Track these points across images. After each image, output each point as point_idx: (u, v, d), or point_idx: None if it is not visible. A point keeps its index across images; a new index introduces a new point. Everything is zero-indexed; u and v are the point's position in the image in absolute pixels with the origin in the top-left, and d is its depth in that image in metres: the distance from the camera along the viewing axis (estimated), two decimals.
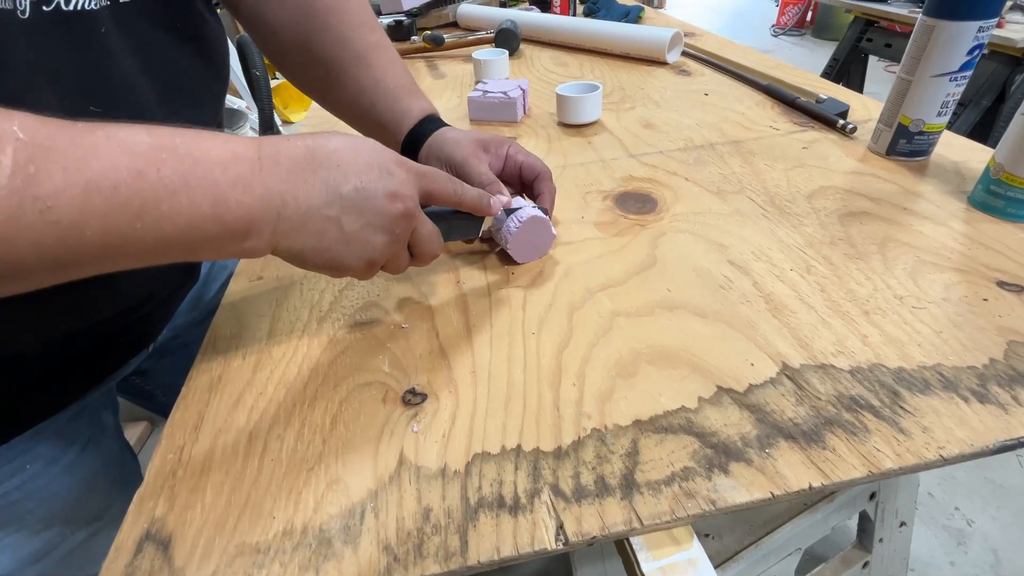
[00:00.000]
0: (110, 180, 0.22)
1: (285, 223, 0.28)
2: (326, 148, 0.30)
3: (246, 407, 0.34)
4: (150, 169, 0.23)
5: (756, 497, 0.26)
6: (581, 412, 0.31)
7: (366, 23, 0.47)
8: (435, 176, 0.34)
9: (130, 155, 0.23)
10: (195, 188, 0.24)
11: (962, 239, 0.42)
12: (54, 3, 0.28)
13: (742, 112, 0.68)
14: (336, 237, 0.30)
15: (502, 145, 0.45)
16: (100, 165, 0.22)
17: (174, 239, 0.24)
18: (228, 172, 0.26)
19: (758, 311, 0.37)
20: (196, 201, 0.24)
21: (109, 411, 0.49)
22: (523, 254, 0.44)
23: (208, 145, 0.26)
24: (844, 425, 0.29)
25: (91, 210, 0.22)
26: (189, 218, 0.24)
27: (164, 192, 0.23)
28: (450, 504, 0.27)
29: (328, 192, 0.29)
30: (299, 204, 0.28)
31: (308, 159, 0.29)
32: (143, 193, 0.23)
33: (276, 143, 0.29)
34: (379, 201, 0.30)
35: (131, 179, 0.22)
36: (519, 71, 0.92)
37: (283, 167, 0.28)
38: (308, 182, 0.29)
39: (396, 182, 0.31)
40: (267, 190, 0.27)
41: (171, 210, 0.24)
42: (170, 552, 0.27)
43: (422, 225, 0.34)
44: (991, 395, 0.30)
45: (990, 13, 0.45)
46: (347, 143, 0.31)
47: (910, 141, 0.52)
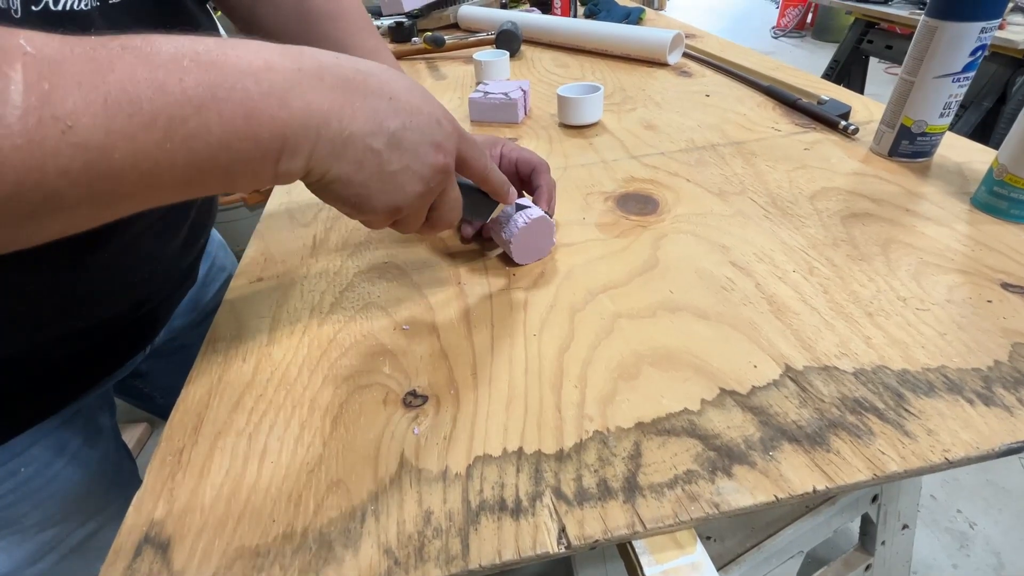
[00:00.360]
0: (130, 94, 0.20)
1: (324, 145, 0.26)
2: (379, 77, 0.28)
3: (246, 409, 0.34)
4: (172, 80, 0.21)
5: (760, 500, 0.26)
6: (583, 414, 0.31)
7: (363, 28, 0.47)
8: (472, 143, 0.33)
9: (149, 66, 0.21)
10: (224, 101, 0.22)
11: (965, 240, 0.42)
12: (43, 3, 0.28)
13: (743, 113, 0.68)
14: (373, 172, 0.27)
15: (495, 145, 0.45)
16: (118, 78, 0.20)
17: (207, 161, 0.22)
18: (261, 83, 0.23)
19: (761, 312, 0.37)
20: (226, 116, 0.22)
21: (106, 413, 0.49)
22: (524, 255, 0.44)
23: (238, 52, 0.23)
24: (848, 428, 0.29)
25: (115, 130, 0.20)
26: (220, 135, 0.22)
27: (190, 107, 0.21)
28: (451, 507, 0.27)
29: (375, 122, 0.27)
30: (343, 127, 0.26)
31: (358, 82, 0.27)
32: (168, 109, 0.21)
33: (320, 56, 0.26)
34: (423, 148, 0.29)
35: (152, 93, 0.20)
36: (520, 72, 0.92)
37: (327, 83, 0.25)
38: (355, 105, 0.26)
39: (443, 134, 0.29)
40: (307, 104, 0.24)
41: (199, 127, 0.22)
42: (169, 555, 0.26)
43: (451, 187, 0.32)
44: (996, 397, 0.30)
45: (993, 14, 0.45)
46: (401, 79, 0.29)
47: (912, 142, 0.52)
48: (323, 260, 0.48)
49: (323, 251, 0.49)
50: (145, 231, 0.39)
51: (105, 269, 0.37)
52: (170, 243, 0.44)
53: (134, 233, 0.38)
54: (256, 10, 0.45)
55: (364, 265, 0.46)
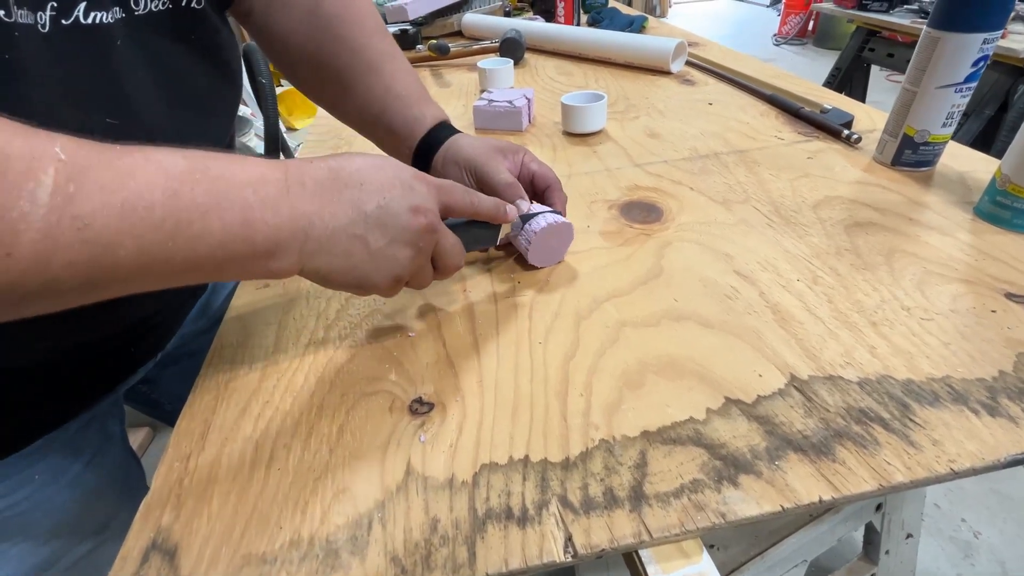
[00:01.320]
0: (146, 200, 0.23)
1: (312, 243, 0.29)
2: (348, 168, 0.30)
3: (252, 416, 0.34)
4: (184, 189, 0.24)
5: (766, 510, 0.26)
6: (589, 422, 0.31)
7: (376, 31, 0.47)
8: (452, 188, 0.35)
9: (165, 176, 0.24)
10: (227, 209, 0.25)
11: (969, 250, 0.42)
12: (73, 17, 0.29)
13: (746, 122, 0.68)
14: (363, 255, 0.30)
15: (518, 153, 0.46)
16: (136, 185, 0.23)
17: (204, 258, 0.25)
18: (258, 193, 0.26)
19: (765, 321, 0.37)
20: (227, 221, 0.25)
21: (116, 420, 0.49)
22: (542, 258, 0.44)
23: (238, 167, 0.27)
24: (854, 437, 0.29)
25: (126, 229, 0.22)
26: (220, 238, 0.25)
27: (196, 213, 0.24)
28: (458, 515, 0.27)
29: (353, 211, 0.30)
30: (325, 224, 0.29)
31: (332, 180, 0.30)
32: (177, 213, 0.24)
33: (300, 165, 0.30)
34: (403, 216, 0.31)
35: (166, 199, 0.23)
36: (524, 80, 0.93)
37: (308, 188, 0.29)
38: (334, 202, 0.29)
39: (418, 197, 0.32)
40: (293, 210, 0.28)
41: (203, 230, 0.24)
42: (176, 561, 0.27)
43: (444, 238, 0.34)
44: (1001, 408, 0.30)
45: (995, 25, 0.45)
46: (368, 162, 0.31)
47: (915, 151, 0.52)
48: None
49: None
50: None
51: None
52: None
53: None
54: (270, 17, 0.46)
55: None
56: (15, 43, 0.26)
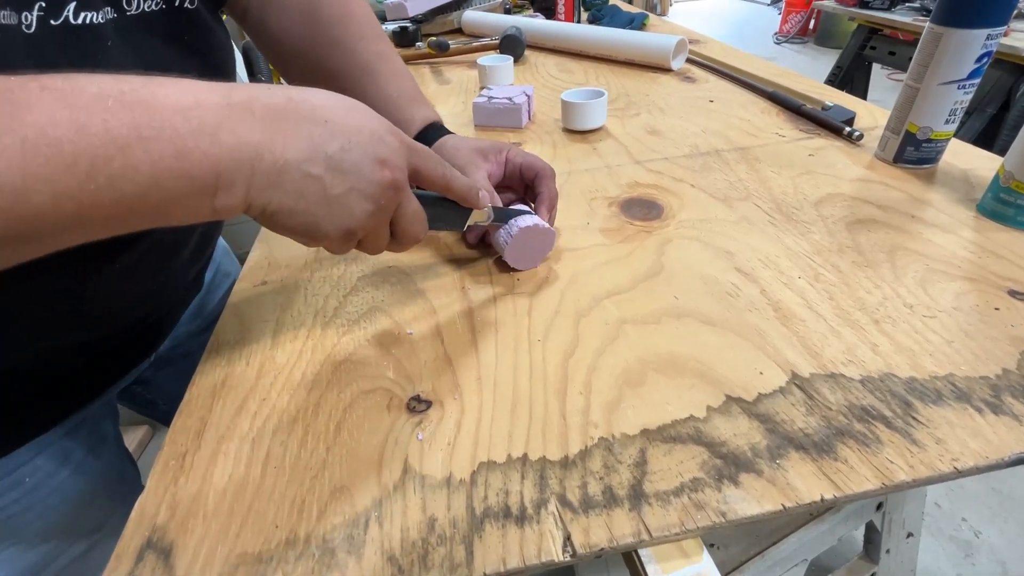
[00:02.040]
0: (49, 137, 0.20)
1: (260, 178, 0.25)
2: (311, 102, 0.27)
3: (249, 413, 0.34)
4: (95, 121, 0.21)
5: (767, 509, 0.26)
6: (588, 421, 0.31)
7: (371, 33, 0.47)
8: (427, 155, 0.32)
9: (69, 107, 0.20)
10: (151, 140, 0.22)
11: (972, 247, 0.42)
12: (63, 17, 0.28)
13: (747, 119, 0.68)
14: (316, 198, 0.27)
15: (500, 151, 0.45)
16: (35, 119, 0.20)
17: (136, 199, 0.22)
18: (190, 120, 0.23)
19: (766, 319, 0.37)
20: (154, 155, 0.22)
21: (109, 421, 0.49)
22: (521, 261, 0.44)
23: (166, 91, 0.23)
24: (856, 436, 0.29)
25: (34, 173, 0.19)
26: (150, 174, 0.22)
27: (114, 146, 0.21)
28: (455, 514, 0.27)
29: (311, 148, 0.26)
30: (276, 157, 0.25)
31: (290, 110, 0.26)
32: (90, 150, 0.20)
33: (251, 89, 0.26)
34: (367, 166, 0.28)
35: (73, 135, 0.20)
36: (524, 77, 0.92)
37: (257, 115, 0.25)
38: (287, 134, 0.26)
39: (388, 149, 0.29)
40: (238, 139, 0.24)
41: (125, 166, 0.21)
42: (171, 561, 0.26)
43: (408, 201, 0.31)
44: (1005, 406, 0.29)
45: (999, 21, 0.45)
46: (337, 100, 0.28)
47: (918, 149, 0.52)
48: (327, 264, 0.48)
49: (327, 255, 0.49)
50: (152, 247, 0.39)
51: (112, 284, 0.37)
52: (177, 257, 0.44)
53: (141, 250, 0.38)
54: (265, 16, 0.45)
55: (368, 269, 0.46)
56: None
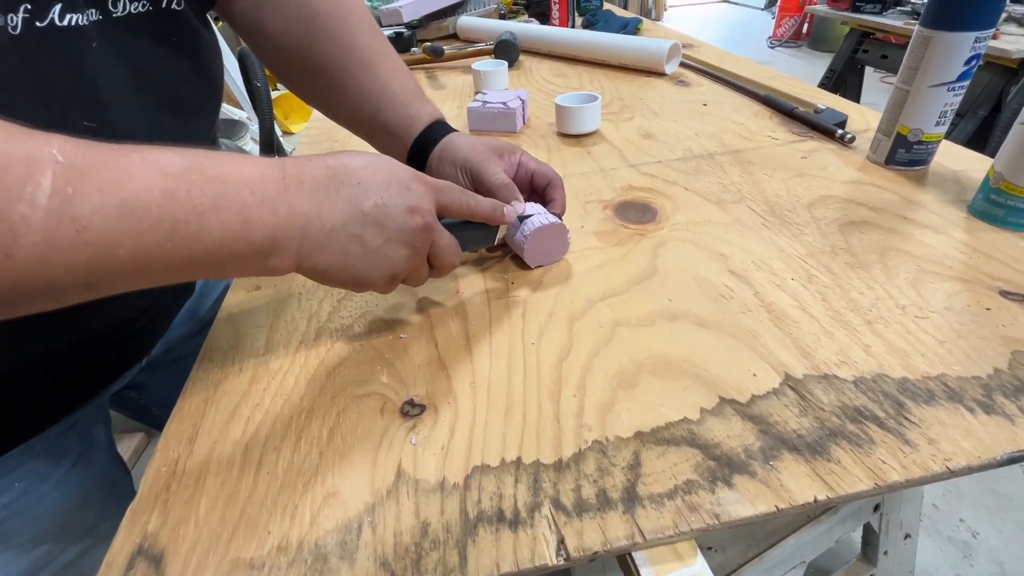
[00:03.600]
0: (143, 201, 0.23)
1: (310, 241, 0.29)
2: (347, 167, 0.31)
3: (242, 419, 0.34)
4: (181, 190, 0.24)
5: (761, 511, 0.26)
6: (582, 423, 0.31)
7: (368, 30, 0.47)
8: (449, 189, 0.35)
9: (163, 176, 0.24)
10: (224, 209, 0.25)
11: (963, 248, 0.42)
12: (48, 19, 0.28)
13: (741, 122, 0.68)
14: (359, 253, 0.31)
15: (515, 153, 0.46)
16: (134, 186, 0.23)
17: (202, 257, 0.25)
18: (256, 193, 0.27)
19: (760, 321, 0.37)
20: (225, 221, 0.25)
21: (101, 426, 0.48)
22: (537, 259, 0.44)
23: (236, 167, 0.27)
24: (849, 437, 0.29)
25: (124, 230, 0.22)
26: (219, 237, 0.25)
27: (194, 213, 0.24)
28: (449, 518, 0.27)
29: (351, 210, 0.30)
30: (323, 222, 0.29)
31: (330, 178, 0.30)
32: (174, 213, 0.24)
33: (299, 164, 0.30)
34: (399, 216, 0.31)
35: (163, 200, 0.23)
36: (519, 82, 0.92)
37: (307, 187, 0.29)
38: (331, 200, 0.29)
39: (415, 197, 0.32)
40: (291, 209, 0.28)
41: (200, 230, 0.25)
42: (162, 568, 0.26)
43: (440, 237, 0.35)
44: (997, 406, 0.30)
45: (986, 24, 0.45)
46: (366, 161, 0.32)
47: (909, 150, 0.52)
48: None
49: None
50: None
51: None
52: None
53: None
54: (259, 17, 0.45)
55: None
56: None
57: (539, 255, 0.44)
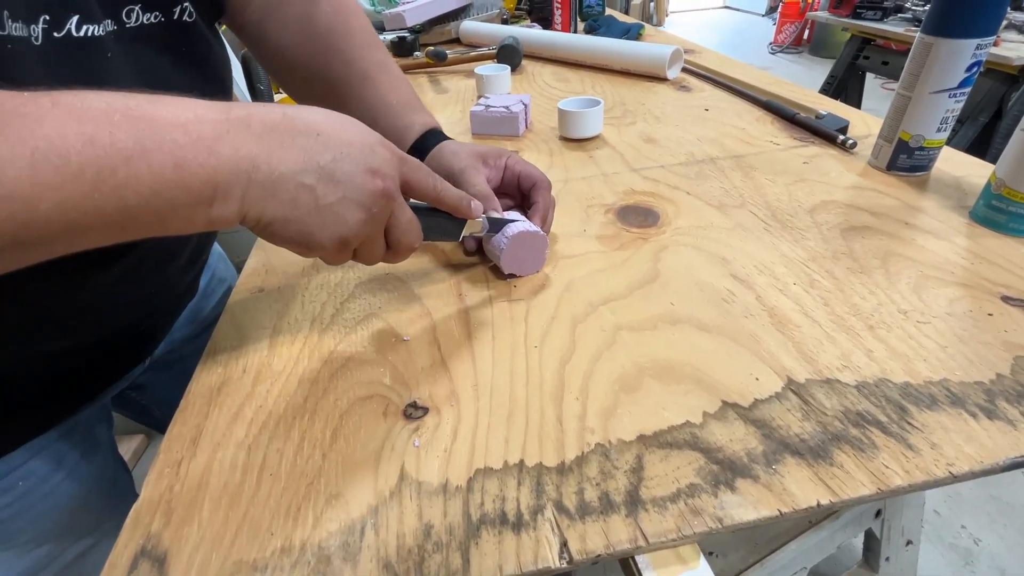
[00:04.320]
0: (57, 148, 0.21)
1: (256, 188, 0.26)
2: (307, 118, 0.29)
3: (245, 420, 0.34)
4: (101, 134, 0.22)
5: (764, 515, 0.26)
6: (584, 427, 0.31)
7: (369, 42, 0.47)
8: (416, 166, 0.33)
9: (78, 120, 0.22)
10: (153, 152, 0.23)
11: (965, 254, 0.42)
12: (65, 30, 0.29)
13: (742, 127, 0.69)
14: (310, 207, 0.28)
15: (500, 157, 0.46)
16: (46, 132, 0.21)
17: (138, 208, 0.23)
18: (190, 133, 0.24)
19: (762, 325, 0.37)
20: (155, 166, 0.23)
21: (103, 426, 0.48)
22: (516, 268, 0.44)
23: (168, 108, 0.24)
24: (851, 441, 0.29)
25: (42, 182, 0.21)
26: (151, 184, 0.23)
27: (119, 158, 0.22)
28: (452, 521, 0.27)
29: (305, 159, 0.28)
30: (272, 168, 0.27)
31: (286, 125, 0.28)
32: (97, 161, 0.22)
33: (249, 107, 0.27)
34: (359, 175, 0.29)
35: (81, 146, 0.21)
36: (521, 87, 0.93)
37: (255, 130, 0.27)
38: (283, 147, 0.27)
39: (378, 159, 0.30)
40: (235, 151, 0.26)
41: (129, 176, 0.23)
42: (165, 569, 0.26)
43: (401, 211, 0.32)
44: (999, 411, 0.30)
45: (988, 31, 0.45)
46: (330, 117, 0.30)
47: (910, 156, 0.52)
48: (324, 271, 0.48)
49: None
50: (148, 254, 0.39)
51: (107, 289, 0.37)
52: (173, 263, 0.44)
53: (137, 256, 0.38)
54: (265, 29, 0.46)
55: (365, 276, 0.46)
56: (8, 55, 0.26)
57: (518, 265, 0.43)
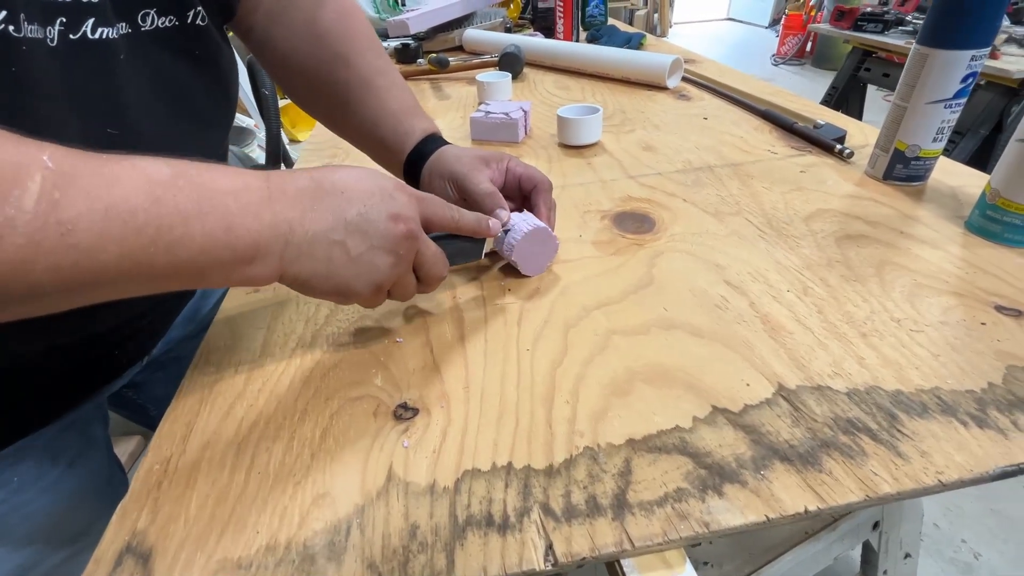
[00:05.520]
0: (129, 205, 0.23)
1: (292, 249, 0.29)
2: (331, 178, 0.31)
3: (236, 419, 0.34)
4: (167, 196, 0.24)
5: (750, 520, 0.26)
6: (574, 430, 0.31)
7: (371, 48, 0.48)
8: (433, 201, 0.36)
9: (149, 183, 0.24)
10: (208, 215, 0.26)
11: (959, 263, 0.42)
12: (81, 32, 0.30)
13: (740, 136, 0.69)
14: (342, 261, 0.31)
15: (502, 160, 0.46)
16: (121, 192, 0.23)
17: (185, 263, 0.26)
18: (239, 200, 0.27)
19: (755, 331, 0.37)
20: (208, 227, 0.26)
21: (99, 424, 0.48)
22: (528, 266, 0.44)
23: (221, 175, 0.27)
24: (841, 448, 0.29)
25: (109, 235, 0.23)
26: (201, 243, 0.26)
27: (179, 218, 0.25)
28: (438, 521, 0.27)
29: (334, 218, 0.30)
30: (305, 230, 0.29)
31: (315, 188, 0.30)
32: (160, 219, 0.24)
33: (284, 175, 0.30)
34: (382, 223, 0.31)
35: (149, 205, 0.24)
36: (522, 94, 0.94)
37: (290, 196, 0.29)
38: (314, 209, 0.30)
39: (398, 204, 0.32)
40: (274, 216, 0.28)
41: (184, 235, 0.25)
42: (150, 565, 0.26)
43: (426, 247, 0.35)
44: (990, 420, 0.29)
45: (982, 43, 0.46)
46: (350, 172, 0.32)
47: (906, 166, 0.53)
48: None
49: None
50: None
51: None
52: None
53: None
54: (270, 35, 0.46)
55: None
56: (23, 56, 0.27)
57: (532, 263, 0.44)
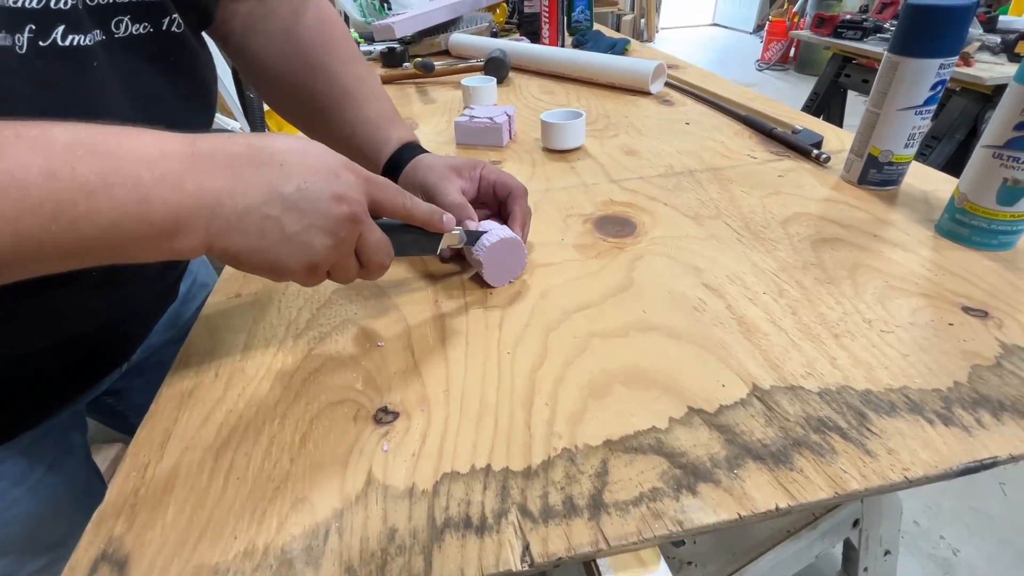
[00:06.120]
0: (19, 181, 0.21)
1: (219, 221, 0.27)
2: (270, 148, 0.29)
3: (215, 424, 0.34)
4: (64, 169, 0.22)
5: (723, 518, 0.26)
6: (552, 432, 0.31)
7: (350, 57, 0.48)
8: (384, 185, 0.33)
9: (42, 155, 0.22)
10: (116, 187, 0.23)
11: (929, 265, 0.43)
12: (51, 39, 0.29)
13: (721, 141, 0.70)
14: (276, 238, 0.28)
15: (475, 168, 0.46)
16: (6, 165, 0.21)
17: (95, 240, 0.23)
18: (154, 169, 0.25)
19: (731, 333, 0.38)
20: (117, 201, 0.23)
21: (78, 432, 0.48)
22: (496, 277, 0.44)
23: (134, 142, 0.25)
24: (812, 446, 0.29)
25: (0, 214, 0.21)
26: (111, 218, 0.23)
27: (80, 193, 0.22)
28: (416, 524, 0.27)
29: (269, 191, 0.28)
30: (236, 202, 0.27)
31: (250, 156, 0.28)
32: (58, 194, 0.22)
33: (215, 139, 0.28)
34: (323, 203, 0.29)
35: (43, 180, 0.21)
36: (507, 98, 0.94)
37: (219, 163, 0.27)
38: (247, 179, 0.27)
39: (343, 185, 0.30)
40: (199, 187, 0.26)
41: (89, 210, 0.23)
42: (126, 572, 0.26)
43: (370, 232, 0.32)
44: (955, 418, 0.30)
45: (950, 52, 0.47)
46: (294, 144, 0.30)
47: (880, 171, 0.54)
48: None
49: None
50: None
51: (83, 289, 0.37)
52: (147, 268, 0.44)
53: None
54: (248, 42, 0.46)
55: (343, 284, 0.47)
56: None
57: (499, 272, 0.44)
